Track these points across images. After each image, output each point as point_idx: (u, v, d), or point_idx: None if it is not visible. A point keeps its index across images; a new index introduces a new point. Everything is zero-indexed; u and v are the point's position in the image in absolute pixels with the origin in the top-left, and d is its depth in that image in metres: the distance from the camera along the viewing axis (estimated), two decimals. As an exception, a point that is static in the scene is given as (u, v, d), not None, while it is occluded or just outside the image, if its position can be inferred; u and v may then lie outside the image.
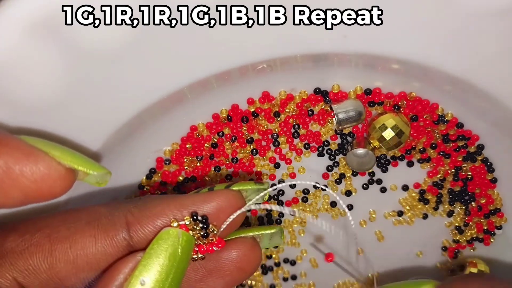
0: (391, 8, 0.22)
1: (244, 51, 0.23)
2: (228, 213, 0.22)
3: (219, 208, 0.22)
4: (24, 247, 0.21)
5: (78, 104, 0.23)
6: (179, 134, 0.28)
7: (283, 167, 0.29)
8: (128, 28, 0.21)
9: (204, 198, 0.22)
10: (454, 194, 0.30)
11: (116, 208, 0.22)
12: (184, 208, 0.22)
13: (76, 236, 0.21)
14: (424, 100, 0.27)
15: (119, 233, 0.21)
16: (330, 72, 0.26)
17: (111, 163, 0.27)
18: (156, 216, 0.21)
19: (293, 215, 0.25)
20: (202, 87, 0.25)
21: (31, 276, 0.21)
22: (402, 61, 0.24)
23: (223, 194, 0.22)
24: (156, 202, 0.22)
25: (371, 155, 0.27)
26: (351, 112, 0.26)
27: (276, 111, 0.27)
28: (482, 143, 0.28)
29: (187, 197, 0.22)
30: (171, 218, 0.21)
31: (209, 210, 0.22)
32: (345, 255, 0.32)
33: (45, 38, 0.21)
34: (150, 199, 0.22)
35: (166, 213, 0.21)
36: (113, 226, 0.21)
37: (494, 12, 0.22)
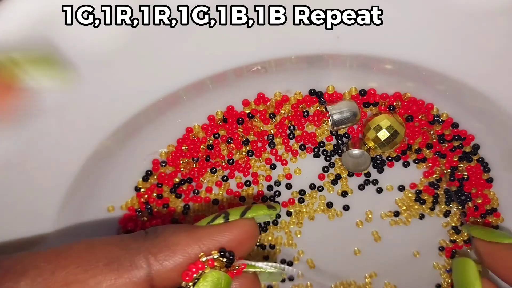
0: (391, 8, 0.22)
1: (239, 53, 0.23)
2: (245, 243, 0.23)
3: (236, 240, 0.23)
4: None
5: (74, 107, 0.23)
6: (175, 136, 0.28)
7: (279, 168, 0.29)
8: (124, 30, 0.21)
9: (221, 230, 0.23)
10: (450, 194, 0.30)
11: (134, 247, 0.22)
12: (203, 244, 0.22)
13: (95, 280, 0.20)
14: (419, 101, 0.27)
15: (140, 274, 0.21)
16: (325, 73, 0.26)
17: (107, 166, 0.27)
18: (176, 254, 0.22)
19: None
20: (197, 89, 0.25)
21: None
22: (397, 61, 0.24)
23: (239, 225, 0.23)
24: (175, 239, 0.22)
25: (367, 155, 0.27)
26: (346, 113, 0.26)
27: (271, 113, 0.27)
28: (478, 143, 0.28)
29: (205, 230, 0.23)
30: (192, 253, 0.22)
31: (227, 241, 0.23)
32: (342, 256, 0.32)
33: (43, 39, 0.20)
34: (167, 235, 0.22)
35: (187, 250, 0.22)
36: (134, 268, 0.21)
37: (490, 12, 0.22)
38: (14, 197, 0.25)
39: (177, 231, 0.23)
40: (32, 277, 0.20)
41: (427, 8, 0.22)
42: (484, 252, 0.28)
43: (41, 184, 0.25)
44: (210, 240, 0.22)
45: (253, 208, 0.24)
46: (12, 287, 0.20)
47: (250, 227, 0.23)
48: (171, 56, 0.23)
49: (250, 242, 0.23)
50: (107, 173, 0.28)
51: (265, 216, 0.25)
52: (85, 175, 0.26)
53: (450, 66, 0.24)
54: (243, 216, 0.24)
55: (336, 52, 0.24)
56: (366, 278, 0.33)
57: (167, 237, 0.22)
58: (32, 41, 0.20)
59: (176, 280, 0.22)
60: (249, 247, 0.23)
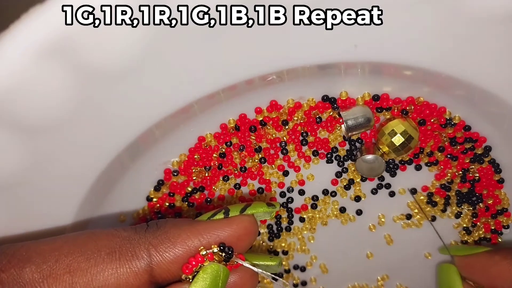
0: (391, 8, 0.22)
1: (252, 65, 0.23)
2: (244, 238, 0.23)
3: (235, 235, 0.23)
4: (42, 278, 0.20)
5: (87, 121, 0.23)
6: (187, 145, 0.28)
7: (292, 175, 0.29)
8: (136, 42, 0.21)
9: (221, 225, 0.23)
10: (462, 195, 0.30)
11: (135, 238, 0.22)
12: (203, 237, 0.22)
13: (97, 269, 0.21)
14: (431, 104, 0.27)
15: (141, 265, 0.21)
16: (338, 79, 0.26)
17: (119, 176, 0.27)
18: (177, 246, 0.22)
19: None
20: (209, 99, 0.25)
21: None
22: (409, 66, 0.24)
23: (239, 221, 0.23)
24: (176, 232, 0.22)
25: (381, 160, 0.27)
26: (360, 119, 0.26)
27: (284, 120, 0.27)
28: (489, 145, 0.28)
29: (206, 224, 0.23)
30: (192, 246, 0.22)
31: (226, 236, 0.23)
32: (354, 260, 0.32)
33: (51, 61, 0.20)
34: (168, 227, 0.23)
35: (187, 243, 0.22)
36: (135, 258, 0.21)
37: (502, 16, 0.22)
38: (28, 208, 0.25)
39: (178, 224, 0.23)
40: (37, 264, 0.21)
41: (438, 12, 0.22)
42: (464, 265, 0.29)
43: (56, 194, 0.25)
44: (210, 234, 0.22)
45: (253, 205, 0.24)
46: (17, 273, 0.21)
47: (249, 223, 0.23)
48: (185, 69, 0.23)
49: (249, 238, 0.24)
50: (119, 183, 0.27)
51: (265, 213, 0.25)
52: (98, 185, 0.26)
53: (463, 70, 0.24)
54: (243, 213, 0.24)
55: (349, 59, 0.24)
56: (378, 281, 0.33)
57: (168, 230, 0.22)
58: None
59: (176, 272, 0.22)
60: (248, 243, 0.24)
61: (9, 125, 0.21)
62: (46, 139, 0.23)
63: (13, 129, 0.21)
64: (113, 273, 0.21)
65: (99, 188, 0.26)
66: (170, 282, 0.22)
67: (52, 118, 0.22)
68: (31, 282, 0.20)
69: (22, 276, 0.20)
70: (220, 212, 0.24)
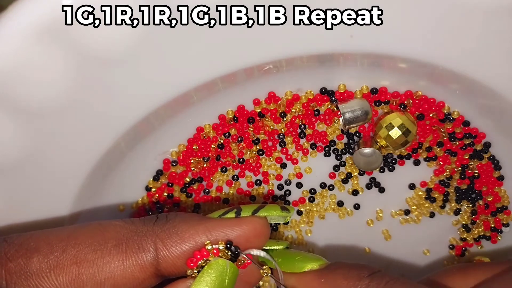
0: (391, 8, 0.22)
1: (249, 53, 0.23)
2: (252, 240, 0.23)
3: (245, 236, 0.23)
4: (49, 268, 0.21)
5: (85, 108, 0.23)
6: (186, 135, 0.28)
7: (289, 167, 0.29)
8: (133, 30, 0.21)
9: (231, 224, 0.23)
10: (461, 192, 0.30)
11: (143, 230, 0.22)
12: (212, 234, 0.22)
13: (103, 260, 0.21)
14: (430, 99, 0.27)
15: (147, 258, 0.21)
16: (336, 71, 0.26)
17: (118, 165, 0.27)
18: (184, 241, 0.22)
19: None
20: (208, 89, 0.25)
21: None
22: (408, 59, 0.24)
23: (250, 222, 0.23)
24: (184, 226, 0.22)
25: (378, 154, 0.27)
26: (357, 112, 0.26)
27: (282, 112, 0.27)
28: (489, 141, 0.28)
29: (216, 222, 0.23)
30: (200, 242, 0.22)
31: (235, 236, 0.22)
32: (352, 255, 0.32)
33: (50, 43, 0.21)
34: (177, 221, 0.22)
35: (195, 239, 0.22)
36: (141, 251, 0.21)
37: (501, 9, 0.22)
38: (25, 197, 0.25)
39: (187, 219, 0.23)
40: (44, 254, 0.21)
41: (438, 5, 0.22)
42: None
43: (53, 183, 0.25)
44: (219, 232, 0.22)
45: (266, 207, 0.24)
46: (24, 263, 0.21)
47: (261, 226, 0.23)
48: (182, 57, 0.23)
49: (259, 240, 0.23)
50: (117, 172, 0.28)
51: (278, 217, 0.24)
52: (96, 174, 0.26)
53: (462, 64, 0.24)
54: (255, 214, 0.24)
55: (347, 50, 0.24)
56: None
57: (176, 224, 0.22)
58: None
59: (182, 268, 0.22)
60: (257, 246, 0.23)
61: (5, 107, 0.21)
62: (42, 124, 0.23)
63: (9, 112, 0.22)
64: (119, 265, 0.21)
65: (98, 176, 0.26)
66: (176, 277, 0.22)
67: (48, 101, 0.22)
68: (38, 272, 0.21)
69: (29, 266, 0.21)
70: (232, 211, 0.24)
